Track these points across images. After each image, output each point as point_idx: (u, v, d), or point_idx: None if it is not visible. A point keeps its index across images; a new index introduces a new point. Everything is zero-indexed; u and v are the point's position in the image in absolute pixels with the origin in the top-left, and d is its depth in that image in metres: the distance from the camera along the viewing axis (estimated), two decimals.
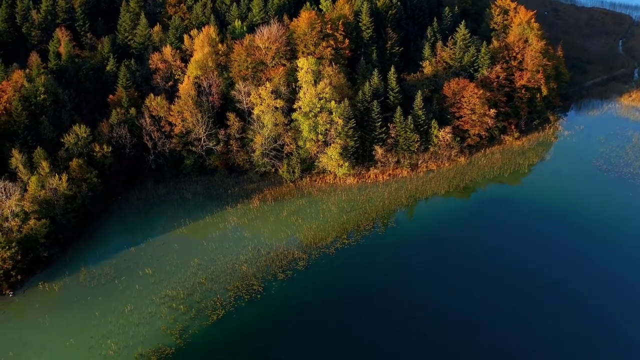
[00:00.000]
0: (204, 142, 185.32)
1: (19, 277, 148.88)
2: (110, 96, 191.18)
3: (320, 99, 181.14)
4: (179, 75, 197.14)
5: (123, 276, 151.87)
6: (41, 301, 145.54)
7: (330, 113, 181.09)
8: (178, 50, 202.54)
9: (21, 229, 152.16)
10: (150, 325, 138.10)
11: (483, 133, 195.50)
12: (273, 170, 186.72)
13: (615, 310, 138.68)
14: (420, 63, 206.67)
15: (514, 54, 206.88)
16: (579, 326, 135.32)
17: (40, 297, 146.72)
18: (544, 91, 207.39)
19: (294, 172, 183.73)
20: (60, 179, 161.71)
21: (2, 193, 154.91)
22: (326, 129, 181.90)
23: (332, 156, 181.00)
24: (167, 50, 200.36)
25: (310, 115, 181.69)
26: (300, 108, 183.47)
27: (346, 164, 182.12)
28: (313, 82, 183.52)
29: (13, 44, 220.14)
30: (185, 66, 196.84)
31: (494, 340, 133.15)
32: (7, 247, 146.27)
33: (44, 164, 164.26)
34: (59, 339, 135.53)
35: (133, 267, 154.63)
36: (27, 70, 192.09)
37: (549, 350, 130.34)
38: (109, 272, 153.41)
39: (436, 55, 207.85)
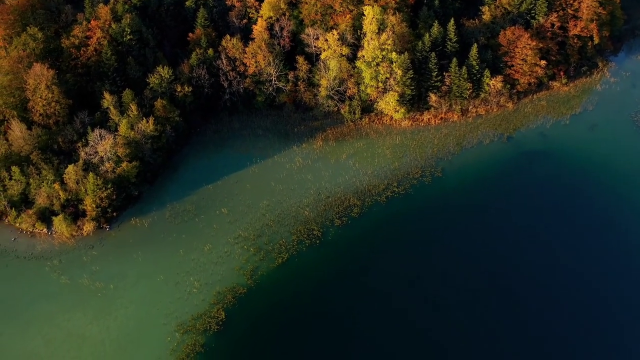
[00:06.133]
0: (275, 82, 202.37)
1: (114, 213, 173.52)
2: (190, 34, 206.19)
3: (382, 49, 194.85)
4: (253, 13, 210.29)
5: (202, 214, 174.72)
6: (134, 236, 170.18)
7: (391, 62, 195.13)
8: None
9: (115, 171, 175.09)
10: (226, 264, 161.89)
11: (533, 81, 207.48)
12: (336, 109, 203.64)
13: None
14: (480, 8, 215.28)
15: (571, 1, 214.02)
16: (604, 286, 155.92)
17: (132, 232, 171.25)
18: (596, 40, 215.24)
19: (354, 113, 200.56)
20: (147, 121, 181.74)
21: (98, 139, 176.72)
22: (386, 78, 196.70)
23: (390, 102, 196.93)
24: None
25: (373, 65, 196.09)
26: (363, 57, 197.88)
27: (402, 109, 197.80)
28: (377, 31, 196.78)
29: None
30: (259, 5, 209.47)
31: (529, 287, 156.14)
32: (104, 188, 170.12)
33: (133, 106, 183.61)
34: (150, 274, 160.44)
35: (211, 206, 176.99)
36: (112, 2, 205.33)
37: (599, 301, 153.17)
38: (190, 209, 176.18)
39: (496, 0, 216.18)
